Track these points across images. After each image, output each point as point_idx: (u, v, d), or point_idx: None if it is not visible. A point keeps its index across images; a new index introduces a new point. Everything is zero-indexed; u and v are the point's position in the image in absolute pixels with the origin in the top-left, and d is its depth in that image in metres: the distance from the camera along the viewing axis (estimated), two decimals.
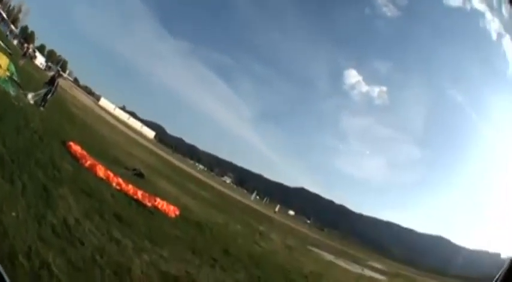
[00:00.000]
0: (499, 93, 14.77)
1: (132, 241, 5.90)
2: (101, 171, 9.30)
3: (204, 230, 10.26)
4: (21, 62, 24.09)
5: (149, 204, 9.34)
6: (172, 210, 9.99)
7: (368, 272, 22.66)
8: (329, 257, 20.55)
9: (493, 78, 14.72)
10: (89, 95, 17.58)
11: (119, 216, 6.88)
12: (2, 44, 15.58)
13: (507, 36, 13.95)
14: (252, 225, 18.85)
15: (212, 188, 39.95)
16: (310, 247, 22.51)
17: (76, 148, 10.06)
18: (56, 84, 14.93)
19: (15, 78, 14.78)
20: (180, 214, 10.20)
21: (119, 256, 5.21)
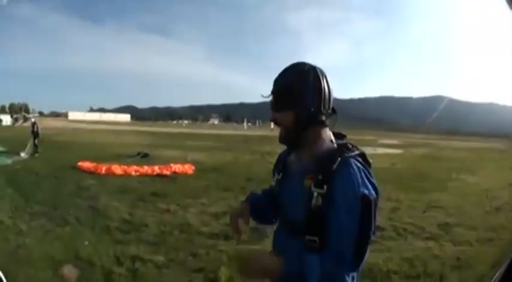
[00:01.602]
0: None
1: (177, 204, 7.03)
2: (117, 169, 10.37)
3: (222, 171, 11.55)
4: None
5: (168, 173, 10.50)
6: (188, 168, 11.27)
7: (381, 150, 24.31)
8: None
9: None
10: (57, 118, 18.27)
11: (155, 193, 8.01)
12: None
13: None
14: (257, 150, 20.62)
15: (207, 135, 41.29)
16: None
17: (86, 164, 11.06)
18: (35, 129, 15.71)
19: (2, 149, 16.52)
20: (195, 168, 11.50)
21: (180, 219, 6.22)
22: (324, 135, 1.32)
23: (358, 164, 1.24)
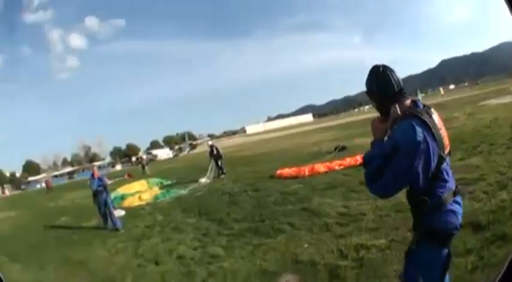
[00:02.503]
0: None
1: None
2: (320, 167, 10.47)
3: None
4: (147, 172, 27.20)
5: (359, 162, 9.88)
6: None
7: None
8: (494, 101, 21.82)
9: None
10: (233, 136, 18.91)
11: (361, 182, 8.14)
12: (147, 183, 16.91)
13: None
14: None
15: None
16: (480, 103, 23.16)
17: (286, 171, 11.34)
18: (214, 151, 15.77)
19: (170, 182, 17.03)
20: None
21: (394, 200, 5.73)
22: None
23: (407, 124, 1.94)
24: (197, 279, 4.89)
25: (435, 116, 2.04)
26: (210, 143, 17.54)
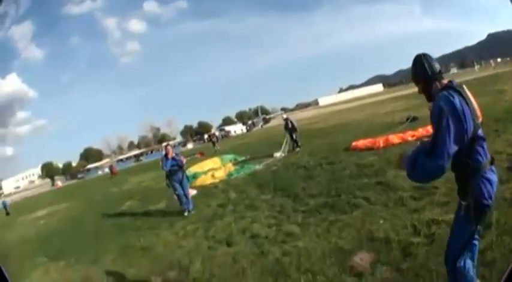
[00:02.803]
0: None
1: None
2: (394, 139, 10.20)
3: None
4: (217, 148, 27.68)
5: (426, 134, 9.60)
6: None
7: None
8: None
9: None
10: (306, 108, 17.80)
11: None
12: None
13: None
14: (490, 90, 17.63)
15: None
16: None
17: (361, 143, 11.02)
18: (289, 125, 15.11)
19: (243, 158, 16.30)
20: None
21: None
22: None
23: (446, 93, 2.35)
24: (270, 260, 4.78)
25: (467, 91, 2.43)
26: (284, 116, 16.67)
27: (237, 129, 63.40)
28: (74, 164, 72.13)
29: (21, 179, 69.66)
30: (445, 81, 2.50)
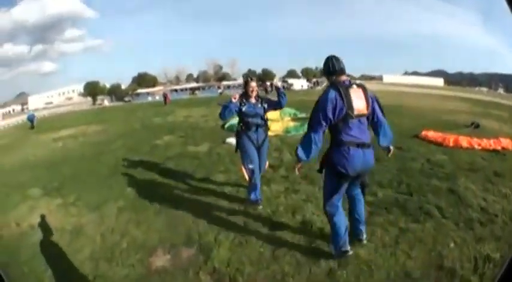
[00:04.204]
0: None
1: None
2: (463, 142, 8.97)
3: None
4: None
5: (499, 148, 8.66)
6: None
7: None
8: None
9: None
10: (370, 81, 16.03)
11: (497, 172, 6.65)
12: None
13: None
14: None
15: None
16: None
17: (431, 134, 9.91)
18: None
19: (304, 115, 14.01)
20: None
21: None
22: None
23: (327, 88, 3.32)
24: (322, 267, 3.67)
25: (356, 90, 3.30)
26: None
27: (300, 84, 60.44)
28: (123, 87, 67.79)
29: (57, 95, 62.78)
30: (343, 78, 3.33)
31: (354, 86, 3.30)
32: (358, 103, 3.28)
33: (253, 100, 5.08)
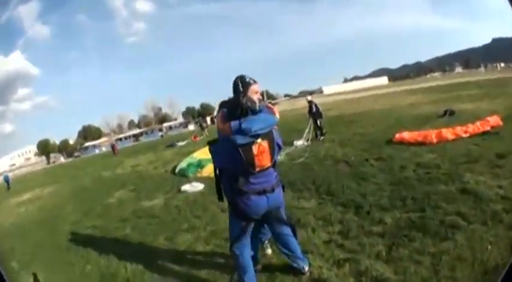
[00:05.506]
0: None
1: None
2: (448, 134, 8.50)
3: None
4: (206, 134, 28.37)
5: (489, 128, 8.48)
6: (496, 121, 8.94)
7: None
8: None
9: None
10: (310, 96, 15.65)
11: (499, 154, 6.32)
12: None
13: None
14: None
15: (463, 84, 33.69)
16: None
17: (407, 135, 9.22)
18: (313, 109, 13.29)
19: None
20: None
21: None
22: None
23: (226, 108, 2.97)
24: None
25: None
26: (309, 98, 14.01)
27: None
28: (71, 142, 71.80)
29: (17, 156, 69.22)
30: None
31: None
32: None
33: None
